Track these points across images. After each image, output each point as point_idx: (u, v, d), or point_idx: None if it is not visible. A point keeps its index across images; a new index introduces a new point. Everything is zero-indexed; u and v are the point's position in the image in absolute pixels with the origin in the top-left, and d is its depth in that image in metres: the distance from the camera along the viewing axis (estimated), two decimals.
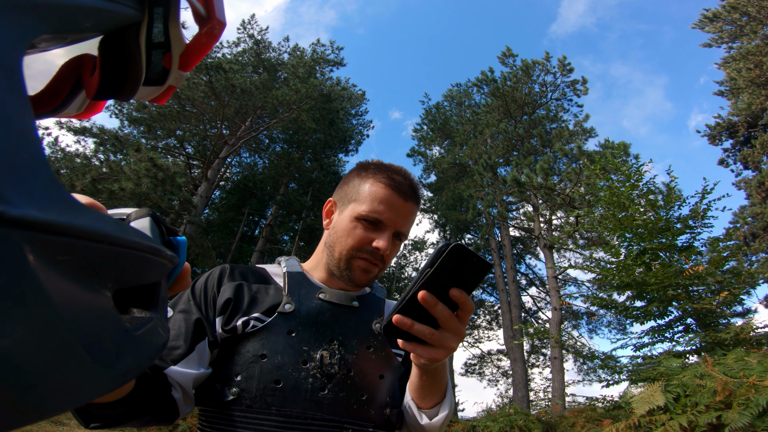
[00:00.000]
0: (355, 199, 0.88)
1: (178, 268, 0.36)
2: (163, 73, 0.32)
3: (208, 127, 14.71)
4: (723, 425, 3.11)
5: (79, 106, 0.33)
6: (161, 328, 0.27)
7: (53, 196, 0.16)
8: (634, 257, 6.10)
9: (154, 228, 0.35)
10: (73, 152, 12.19)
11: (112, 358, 0.19)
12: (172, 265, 0.28)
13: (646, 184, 6.41)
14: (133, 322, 0.25)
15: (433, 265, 0.57)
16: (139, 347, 0.22)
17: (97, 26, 0.26)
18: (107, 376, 0.18)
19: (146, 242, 0.22)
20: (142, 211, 0.35)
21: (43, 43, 0.24)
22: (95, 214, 0.18)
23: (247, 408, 0.74)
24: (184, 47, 0.32)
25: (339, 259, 0.87)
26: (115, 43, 0.29)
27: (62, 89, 0.31)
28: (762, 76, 14.76)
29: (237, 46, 16.37)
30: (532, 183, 12.09)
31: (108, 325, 0.19)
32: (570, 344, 6.74)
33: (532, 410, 9.43)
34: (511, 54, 16.76)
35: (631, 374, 5.07)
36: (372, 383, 0.83)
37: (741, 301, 5.44)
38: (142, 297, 0.28)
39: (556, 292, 10.86)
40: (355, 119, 20.69)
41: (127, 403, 0.61)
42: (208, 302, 0.83)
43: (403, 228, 0.88)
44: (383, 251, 0.84)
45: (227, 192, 16.98)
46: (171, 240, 0.36)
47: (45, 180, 0.16)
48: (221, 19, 0.32)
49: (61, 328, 0.15)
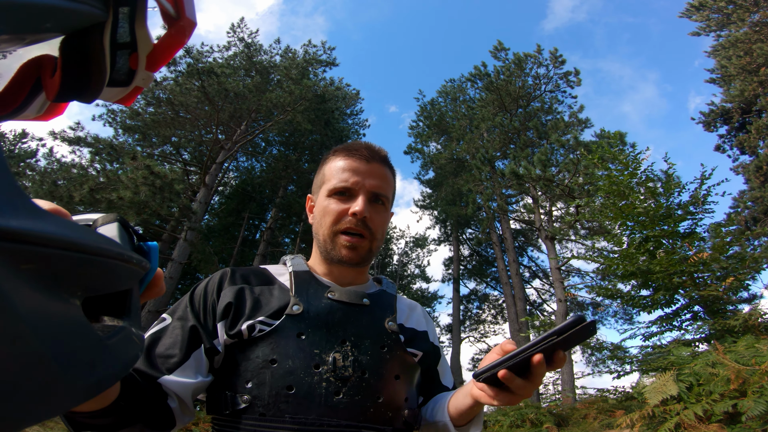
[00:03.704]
0: (324, 182, 0.91)
1: (150, 274, 0.35)
2: (129, 74, 0.32)
3: (203, 133, 14.63)
4: (739, 413, 3.11)
5: (39, 108, 0.32)
6: (135, 336, 0.27)
7: (15, 203, 0.16)
8: (637, 245, 6.10)
9: (123, 233, 0.34)
10: (69, 163, 12.11)
11: (86, 368, 0.19)
12: (143, 272, 0.27)
13: (644, 171, 6.41)
14: (105, 330, 0.25)
15: (561, 335, 0.59)
16: (112, 356, 0.22)
17: (58, 26, 0.26)
18: (81, 386, 0.18)
19: (114, 248, 0.22)
20: (110, 216, 0.35)
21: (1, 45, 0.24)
22: (59, 221, 0.18)
23: (261, 416, 0.71)
24: (151, 47, 0.31)
25: (324, 241, 0.87)
26: (78, 44, 0.29)
27: (21, 91, 0.30)
28: (753, 63, 14.80)
29: (228, 50, 16.25)
30: (531, 175, 12.08)
31: (79, 334, 0.19)
32: None
33: (542, 403, 9.46)
34: (503, 48, 16.74)
35: (641, 364, 5.07)
36: (388, 384, 0.80)
37: (747, 287, 5.46)
38: (114, 305, 0.27)
39: (560, 283, 10.87)
40: (351, 118, 20.65)
41: (115, 412, 0.59)
42: (207, 309, 0.80)
43: (376, 188, 0.88)
44: (360, 214, 0.84)
45: (226, 197, 16.93)
46: (141, 245, 0.36)
47: (6, 186, 0.15)
48: (192, 19, 0.31)
49: (30, 339, 0.15)
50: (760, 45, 14.31)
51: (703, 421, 3.30)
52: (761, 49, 14.21)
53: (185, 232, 11.14)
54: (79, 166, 12.02)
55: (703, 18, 17.41)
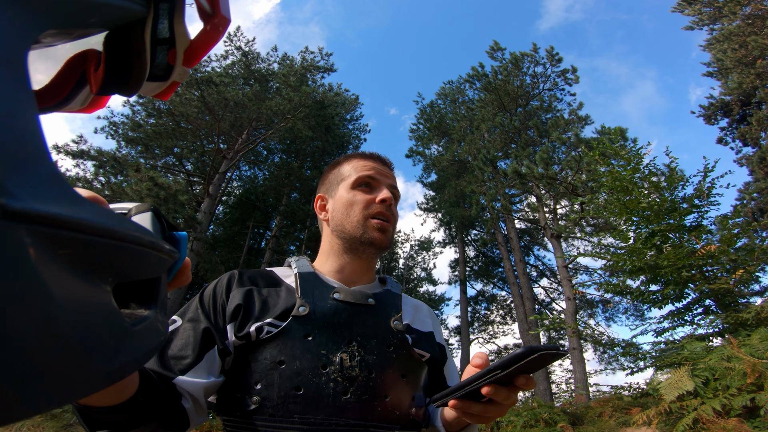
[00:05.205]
0: (342, 179, 0.96)
1: (178, 263, 0.36)
2: (167, 69, 0.33)
3: (205, 143, 14.70)
4: (758, 407, 3.08)
5: (83, 101, 0.33)
6: (160, 324, 0.27)
7: (56, 190, 0.16)
8: (644, 240, 6.07)
9: (155, 223, 0.35)
10: (74, 176, 12.17)
11: (111, 353, 0.19)
12: (172, 260, 0.28)
13: (647, 166, 6.39)
14: (133, 317, 0.25)
15: (506, 369, 0.56)
16: (137, 343, 0.22)
17: (102, 22, 0.26)
18: (105, 371, 0.18)
19: (147, 237, 0.22)
20: (144, 205, 0.35)
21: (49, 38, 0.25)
22: (97, 209, 0.18)
23: (270, 417, 0.72)
24: (188, 43, 0.33)
25: (354, 228, 0.90)
26: (121, 39, 0.30)
27: (67, 84, 0.32)
28: (749, 55, 14.79)
29: (225, 59, 16.35)
30: (533, 174, 12.07)
31: (107, 319, 0.19)
32: (588, 333, 6.70)
33: (555, 402, 9.39)
34: (499, 48, 16.78)
35: (655, 360, 5.04)
36: (395, 384, 0.81)
37: (757, 279, 5.42)
38: (142, 292, 0.28)
39: (568, 281, 10.83)
40: (351, 124, 20.70)
41: (131, 408, 0.59)
42: (217, 310, 0.81)
43: (392, 182, 0.99)
44: (389, 200, 0.92)
45: (230, 206, 16.97)
46: (172, 235, 0.37)
47: (48, 174, 0.16)
48: (226, 16, 0.32)
49: (61, 321, 0.15)
50: (754, 38, 14.30)
51: (722, 416, 3.28)
52: (756, 41, 14.20)
53: (191, 243, 11.18)
54: (83, 180, 12.09)
55: (695, 12, 17.43)
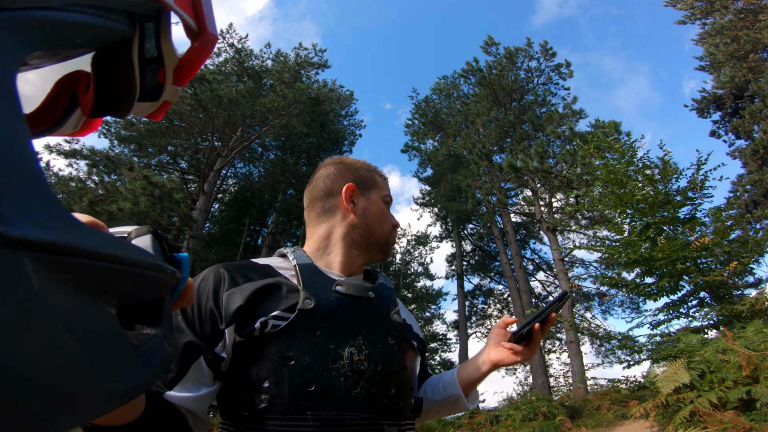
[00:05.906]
0: (374, 186, 1.01)
1: (181, 284, 0.36)
2: (157, 89, 0.32)
3: (199, 141, 14.59)
4: (754, 400, 3.13)
5: (75, 124, 0.33)
6: (167, 343, 0.28)
7: (54, 216, 0.16)
8: (639, 233, 6.12)
9: (156, 245, 0.35)
10: (66, 176, 12.02)
11: (120, 374, 0.19)
12: (174, 281, 0.29)
13: (641, 159, 6.42)
14: (139, 338, 0.25)
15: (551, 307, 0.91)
16: (145, 363, 0.23)
17: (89, 42, 0.26)
18: (114, 391, 0.19)
19: (148, 259, 0.23)
20: (143, 228, 0.35)
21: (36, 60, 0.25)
22: (96, 233, 0.18)
23: (281, 415, 0.70)
24: (177, 62, 0.32)
25: (381, 236, 0.97)
26: (108, 59, 0.29)
27: (58, 107, 0.31)
28: (741, 49, 14.87)
29: (218, 56, 16.19)
30: (528, 167, 12.11)
31: (114, 341, 0.20)
32: (585, 327, 6.75)
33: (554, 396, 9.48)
34: (493, 43, 16.75)
35: (651, 353, 5.09)
36: (398, 375, 0.82)
37: (751, 271, 5.47)
38: (147, 313, 0.28)
39: (565, 274, 10.90)
40: (346, 120, 20.61)
41: (142, 426, 0.59)
42: (203, 318, 0.75)
43: None
44: (398, 228, 1.04)
45: (226, 204, 16.88)
46: (173, 256, 0.37)
47: (45, 199, 0.16)
48: (213, 33, 0.32)
49: (67, 345, 0.16)
50: (746, 32, 14.36)
51: (718, 408, 3.32)
52: (748, 35, 14.26)
53: (187, 241, 11.13)
54: (77, 179, 11.96)
55: (687, 6, 17.46)
